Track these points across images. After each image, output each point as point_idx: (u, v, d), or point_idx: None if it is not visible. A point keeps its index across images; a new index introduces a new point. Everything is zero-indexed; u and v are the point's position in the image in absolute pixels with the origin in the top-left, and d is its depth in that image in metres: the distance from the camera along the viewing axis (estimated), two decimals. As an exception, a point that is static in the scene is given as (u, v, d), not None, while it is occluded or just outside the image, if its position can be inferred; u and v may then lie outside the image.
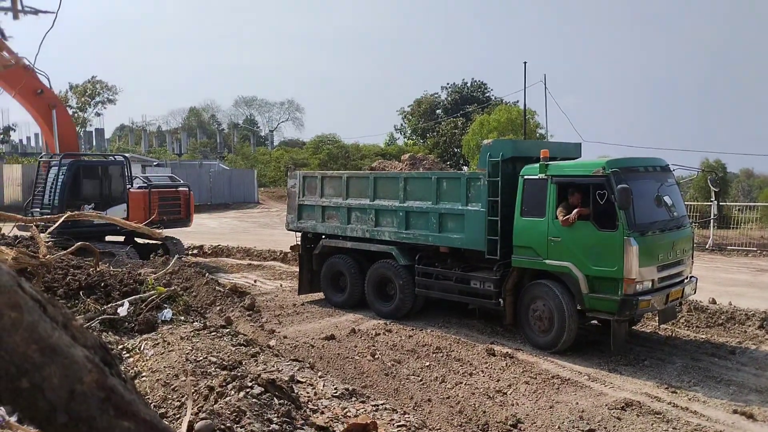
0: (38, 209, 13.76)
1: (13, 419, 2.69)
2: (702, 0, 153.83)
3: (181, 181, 17.30)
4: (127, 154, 18.70)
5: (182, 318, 6.19)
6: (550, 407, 6.69)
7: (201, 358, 4.76)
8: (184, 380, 4.29)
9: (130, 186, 14.83)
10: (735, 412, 6.60)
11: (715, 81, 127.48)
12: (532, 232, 8.64)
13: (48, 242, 7.82)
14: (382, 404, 4.77)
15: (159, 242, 14.42)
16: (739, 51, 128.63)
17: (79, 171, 14.14)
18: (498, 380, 7.49)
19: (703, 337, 9.32)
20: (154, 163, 36.96)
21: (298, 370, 5.34)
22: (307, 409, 4.23)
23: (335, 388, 4.92)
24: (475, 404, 6.75)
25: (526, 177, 8.80)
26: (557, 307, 8.40)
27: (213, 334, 5.62)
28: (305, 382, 5.00)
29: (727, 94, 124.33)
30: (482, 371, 7.79)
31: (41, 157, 14.22)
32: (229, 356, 4.94)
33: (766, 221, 21.85)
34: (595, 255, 8.08)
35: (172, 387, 4.31)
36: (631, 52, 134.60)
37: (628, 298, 7.82)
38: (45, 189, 14.00)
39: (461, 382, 7.40)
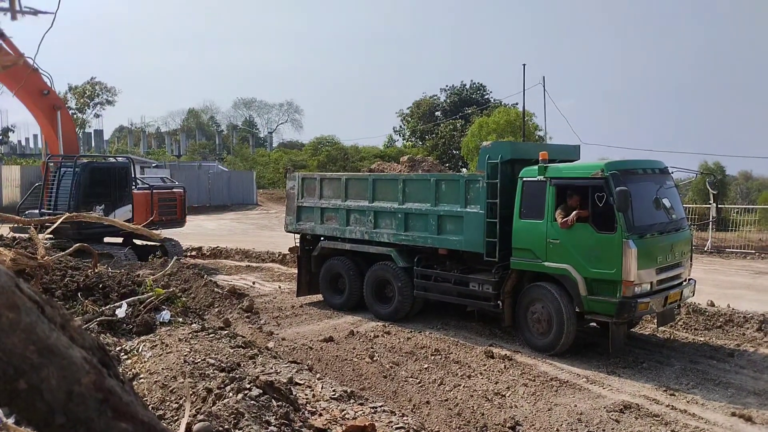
0: (50, 210, 13.67)
1: (11, 421, 2.69)
2: (701, 2, 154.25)
3: (176, 183, 17.33)
4: (130, 156, 18.80)
5: (180, 320, 6.18)
6: (549, 409, 6.69)
7: (199, 359, 4.75)
8: (182, 382, 4.28)
9: (134, 187, 14.93)
10: (733, 414, 6.61)
11: (715, 83, 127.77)
12: (531, 234, 8.64)
13: (46, 243, 7.81)
14: (380, 406, 4.77)
15: (157, 244, 14.41)
16: (738, 53, 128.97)
17: (93, 172, 14.19)
18: (496, 382, 7.48)
19: (702, 339, 9.33)
20: (153, 165, 36.95)
21: (297, 372, 5.34)
22: (306, 411, 4.23)
23: (333, 390, 4.91)
24: (473, 406, 6.75)
25: (524, 179, 8.80)
26: (556, 309, 8.40)
27: (211, 335, 5.61)
28: (303, 384, 5.00)
29: (726, 97, 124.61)
30: (481, 373, 7.79)
31: (49, 159, 14.16)
32: (227, 358, 4.94)
33: (764, 224, 21.87)
34: (594, 257, 8.08)
35: (170, 389, 4.30)
36: (630, 54, 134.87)
37: (626, 301, 7.82)
38: (56, 190, 13.97)
39: (460, 385, 7.39)
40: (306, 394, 4.73)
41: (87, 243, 7.34)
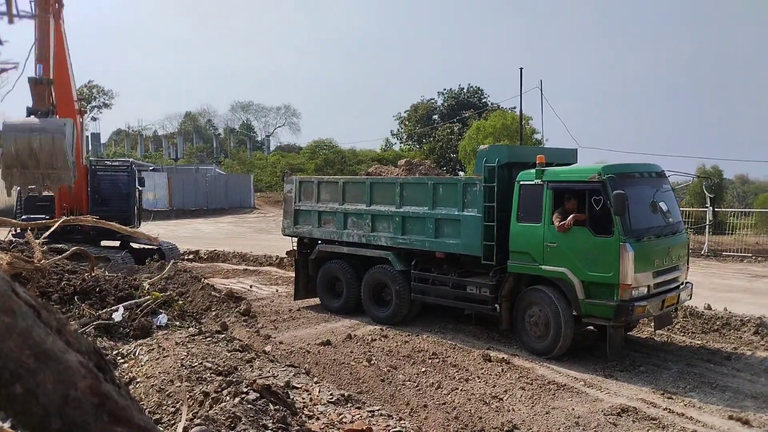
0: (103, 215, 13.69)
1: (6, 425, 2.68)
2: (698, 5, 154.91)
3: None
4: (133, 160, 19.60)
5: (177, 323, 6.18)
6: (546, 413, 6.69)
7: (196, 363, 4.74)
8: (179, 386, 4.28)
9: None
10: (730, 418, 6.61)
11: (712, 86, 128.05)
12: (528, 238, 8.65)
13: (43, 247, 7.79)
14: (377, 410, 4.77)
15: (154, 247, 14.43)
16: (735, 56, 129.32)
17: (139, 177, 15.26)
18: (494, 386, 7.48)
19: (699, 342, 9.34)
20: (150, 168, 36.93)
21: (294, 375, 5.34)
22: (303, 415, 4.23)
23: (331, 394, 4.91)
24: (471, 410, 6.74)
25: (522, 182, 8.82)
26: (553, 312, 8.40)
27: (208, 339, 5.61)
28: (301, 387, 5.00)
29: (724, 100, 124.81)
30: (478, 377, 7.78)
31: (92, 164, 14.79)
32: (224, 362, 4.93)
33: (761, 227, 21.91)
34: (591, 261, 8.09)
35: (167, 393, 4.29)
36: (626, 58, 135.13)
37: (623, 304, 7.83)
38: (104, 193, 14.33)
39: (457, 388, 7.39)
40: (303, 398, 4.73)
41: (75, 247, 7.35)
